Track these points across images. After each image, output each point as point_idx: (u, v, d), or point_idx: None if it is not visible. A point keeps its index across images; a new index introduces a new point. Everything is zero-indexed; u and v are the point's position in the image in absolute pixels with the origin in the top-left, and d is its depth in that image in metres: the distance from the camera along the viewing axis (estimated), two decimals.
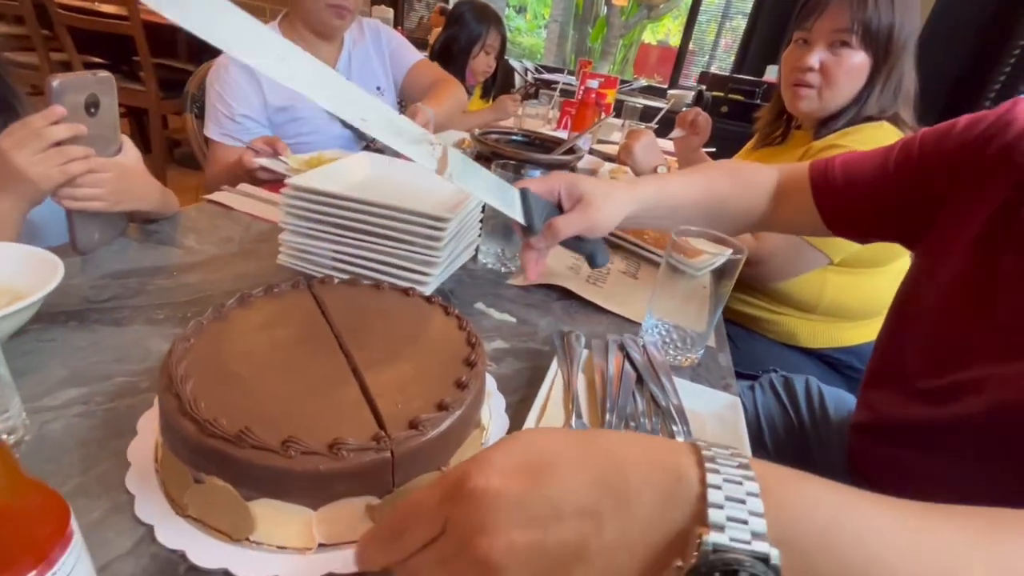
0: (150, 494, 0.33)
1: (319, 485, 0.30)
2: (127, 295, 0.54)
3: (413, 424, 0.32)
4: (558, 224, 0.52)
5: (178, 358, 0.35)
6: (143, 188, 0.63)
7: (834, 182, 0.63)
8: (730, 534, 0.20)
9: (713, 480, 0.21)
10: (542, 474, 0.22)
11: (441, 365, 0.39)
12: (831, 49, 0.90)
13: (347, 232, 0.56)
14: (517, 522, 0.21)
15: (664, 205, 0.61)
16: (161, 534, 0.31)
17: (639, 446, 0.23)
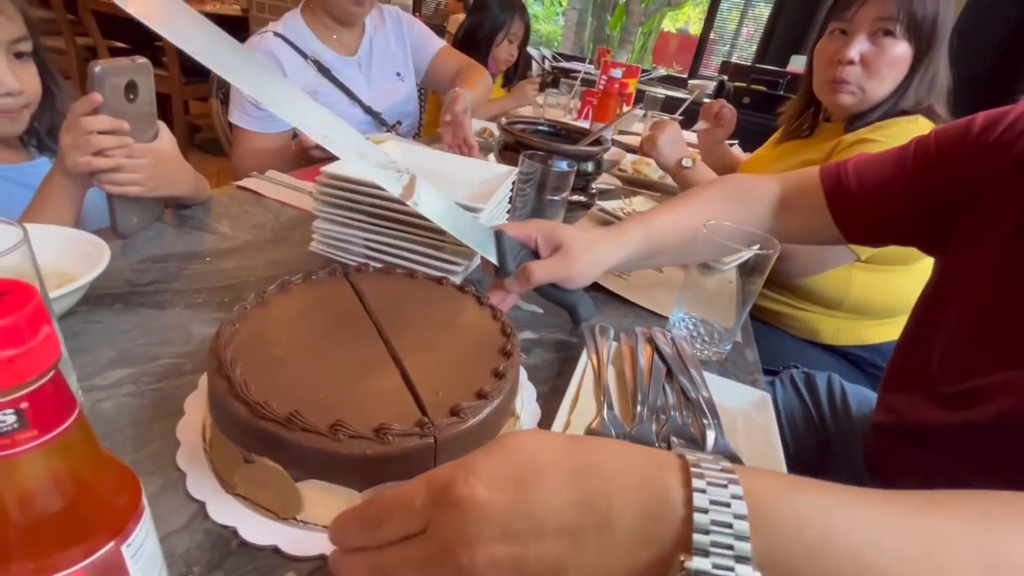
0: (200, 472, 0.35)
1: (365, 468, 0.31)
2: (167, 279, 0.55)
3: (454, 412, 0.33)
4: (532, 269, 0.50)
5: (225, 341, 0.36)
6: (179, 173, 0.64)
7: (849, 189, 0.61)
8: (714, 560, 0.20)
9: (699, 502, 0.21)
10: (526, 487, 0.22)
11: (477, 354, 0.40)
12: (872, 39, 0.86)
13: (379, 221, 0.56)
14: (499, 536, 0.21)
15: (653, 248, 0.59)
16: (213, 510, 0.32)
17: (626, 461, 0.23)
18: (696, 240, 0.59)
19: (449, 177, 0.66)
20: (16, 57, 0.61)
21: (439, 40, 1.37)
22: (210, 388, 0.34)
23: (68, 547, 0.20)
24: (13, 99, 0.61)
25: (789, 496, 0.22)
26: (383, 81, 1.28)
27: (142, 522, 0.23)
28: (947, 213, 0.57)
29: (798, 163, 0.98)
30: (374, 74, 1.26)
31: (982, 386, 0.50)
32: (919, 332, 0.63)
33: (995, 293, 0.52)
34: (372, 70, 1.26)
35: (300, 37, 1.15)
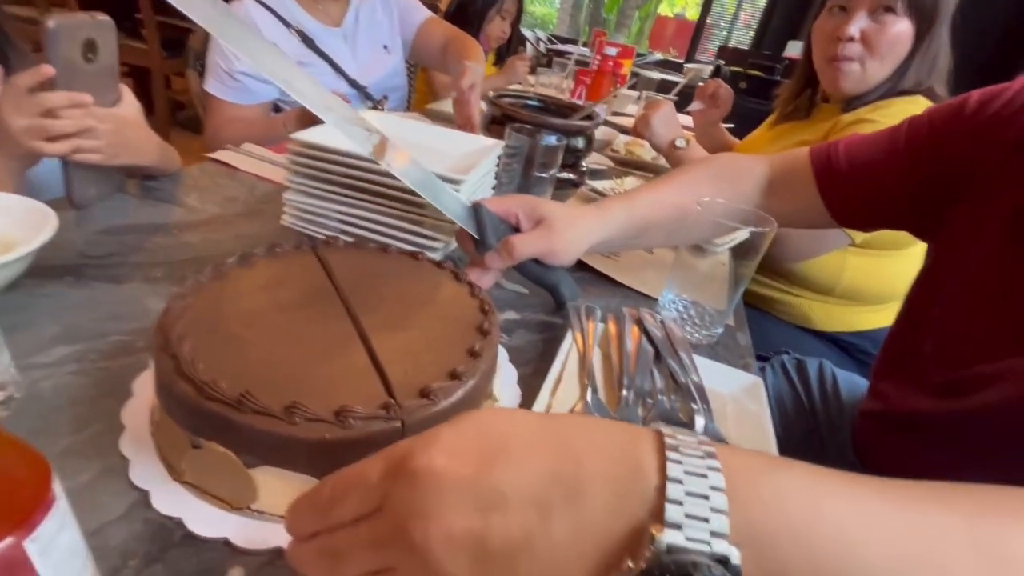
0: (145, 459, 0.32)
1: (324, 454, 0.28)
2: (125, 252, 0.52)
3: (424, 393, 0.30)
4: (514, 242, 0.47)
5: (174, 316, 0.33)
6: (142, 142, 0.60)
7: (839, 169, 0.59)
8: (687, 533, 0.18)
9: (674, 472, 0.19)
10: (491, 459, 0.20)
11: (453, 332, 0.37)
12: (873, 16, 0.83)
13: (355, 193, 0.53)
14: (458, 509, 0.19)
15: (637, 226, 0.56)
16: (157, 500, 0.29)
17: (599, 433, 0.21)
18: (686, 219, 0.56)
19: (428, 148, 0.62)
20: None
21: (425, 10, 1.32)
22: (156, 367, 0.31)
23: None
24: None
25: (771, 474, 0.20)
26: (369, 53, 1.23)
27: (52, 514, 0.20)
28: (941, 194, 0.55)
29: (793, 144, 0.96)
30: (360, 46, 1.21)
31: (980, 373, 0.49)
32: (912, 319, 0.61)
33: (993, 277, 0.50)
34: (358, 42, 1.21)
35: (283, 5, 1.09)
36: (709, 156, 0.68)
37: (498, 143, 0.64)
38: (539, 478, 0.20)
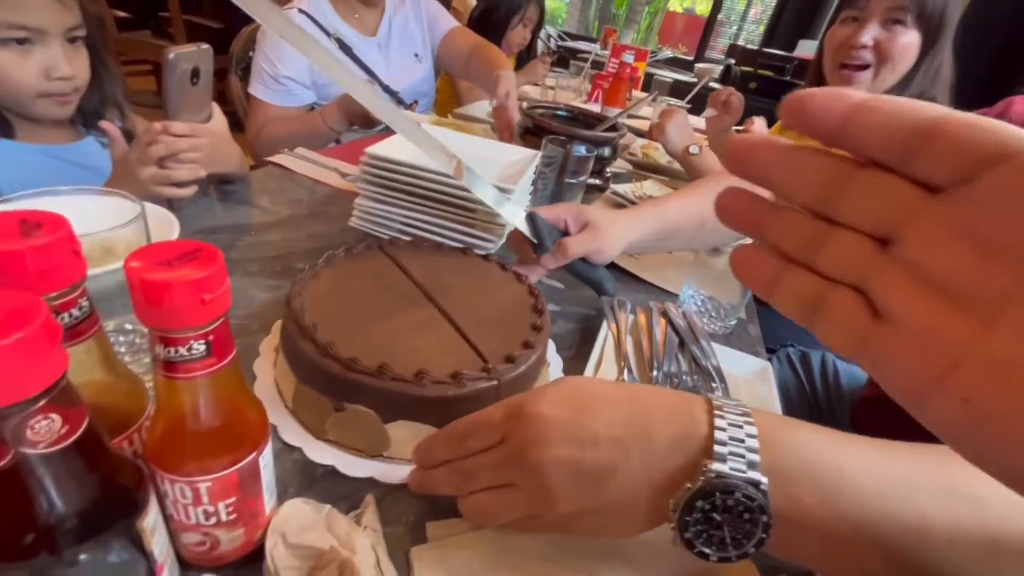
0: (284, 423, 0.40)
1: (445, 408, 0.36)
2: (222, 249, 0.60)
3: (510, 359, 0.39)
4: (567, 243, 0.55)
5: (299, 308, 0.40)
6: (230, 152, 0.68)
7: None
8: (730, 464, 0.26)
9: (719, 423, 0.27)
10: (584, 407, 0.28)
11: (514, 312, 0.46)
12: (884, 26, 0.90)
13: (417, 199, 0.61)
14: (563, 440, 0.27)
15: (665, 231, 0.63)
16: (310, 452, 0.38)
17: (663, 395, 0.30)
18: (704, 227, 0.64)
19: (477, 158, 0.70)
20: (70, 42, 0.65)
21: (452, 19, 1.39)
22: (295, 352, 0.39)
23: (224, 453, 0.26)
24: (66, 83, 0.65)
25: (790, 427, 0.28)
26: (401, 62, 1.30)
27: (268, 440, 0.29)
28: None
29: None
30: (392, 55, 1.29)
31: None
32: None
33: None
34: (391, 51, 1.28)
35: (323, 15, 1.17)
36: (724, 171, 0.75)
37: (536, 153, 0.72)
38: (620, 422, 0.28)
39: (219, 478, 0.25)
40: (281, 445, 0.38)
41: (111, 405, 0.26)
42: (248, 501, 0.28)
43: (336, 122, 1.08)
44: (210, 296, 0.22)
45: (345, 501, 0.35)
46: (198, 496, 0.25)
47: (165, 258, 0.21)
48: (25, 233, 0.21)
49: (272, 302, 0.53)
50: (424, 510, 0.36)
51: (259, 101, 1.17)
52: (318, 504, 0.33)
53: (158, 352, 0.22)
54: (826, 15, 3.41)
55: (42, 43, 0.63)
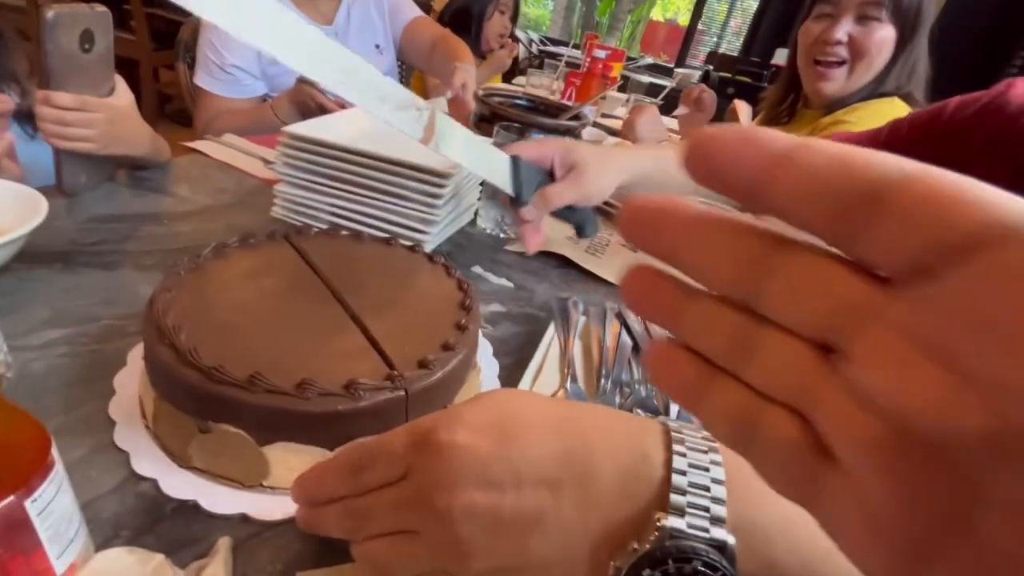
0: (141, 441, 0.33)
1: (337, 426, 0.29)
2: (116, 239, 0.52)
3: (423, 364, 0.32)
4: (549, 193, 0.50)
5: (163, 308, 0.33)
6: (135, 132, 0.61)
7: None
8: (689, 520, 0.19)
9: (678, 464, 0.21)
10: (509, 437, 0.22)
11: (437, 309, 0.39)
12: (858, 22, 0.87)
13: (345, 186, 0.54)
14: (478, 481, 0.21)
15: (659, 175, 0.59)
16: (167, 486, 0.30)
17: (608, 420, 0.23)
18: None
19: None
20: None
21: (416, 9, 1.33)
22: (152, 359, 0.32)
23: None
24: None
25: None
26: (361, 53, 1.21)
27: (51, 478, 0.21)
28: None
29: None
30: (351, 45, 1.21)
31: None
32: None
33: None
34: (349, 40, 1.21)
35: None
36: None
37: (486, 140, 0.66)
38: (552, 458, 0.21)
39: None
40: (125, 477, 0.31)
41: None
42: (15, 560, 0.20)
43: (287, 114, 1.01)
44: None
45: (196, 545, 0.28)
46: None
47: None
48: None
49: None
50: (295, 556, 0.28)
51: (206, 92, 1.09)
52: (147, 553, 0.26)
53: None
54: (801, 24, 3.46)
55: None
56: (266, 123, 1.02)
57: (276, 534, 0.29)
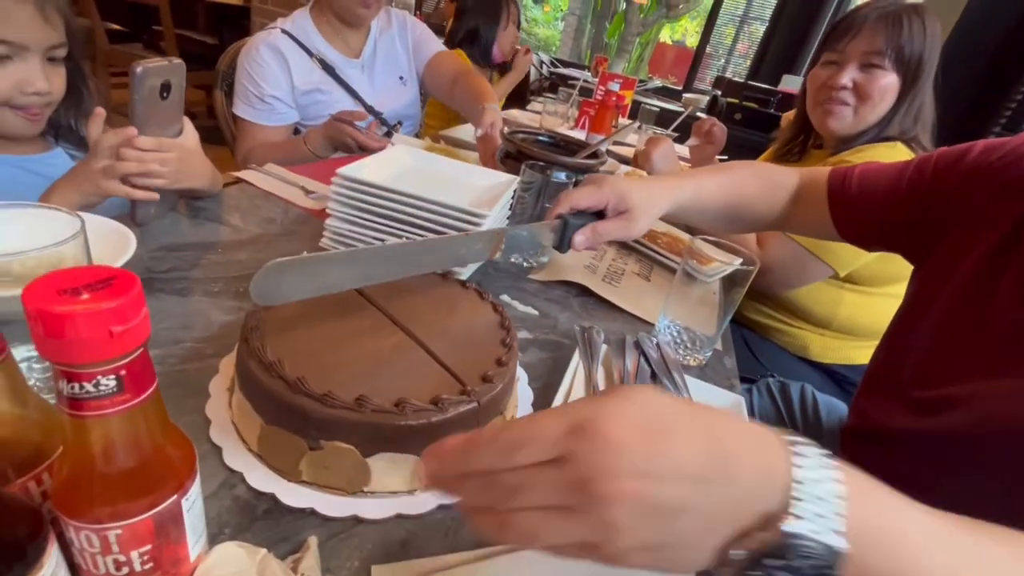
0: (233, 446, 0.38)
1: (427, 436, 0.35)
2: (185, 267, 0.58)
3: (486, 379, 0.38)
4: (601, 230, 0.57)
5: (259, 347, 0.37)
6: (200, 168, 0.67)
7: (849, 193, 0.67)
8: (809, 526, 0.23)
9: (798, 474, 0.24)
10: (659, 435, 0.25)
11: (483, 332, 0.45)
12: (862, 70, 0.92)
13: (390, 222, 0.60)
14: (633, 472, 0.24)
15: (698, 206, 0.65)
16: (284, 497, 0.35)
17: (740, 428, 0.26)
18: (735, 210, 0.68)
19: (453, 181, 0.70)
20: (49, 61, 0.64)
21: (439, 43, 1.40)
22: (260, 391, 0.36)
23: (139, 497, 0.24)
24: (40, 98, 0.64)
25: (877, 491, 0.26)
26: (386, 84, 1.31)
27: (196, 480, 0.27)
28: (933, 226, 0.62)
29: None
30: (377, 77, 1.29)
31: (955, 393, 0.54)
32: (896, 338, 0.67)
33: (966, 307, 0.56)
34: (375, 72, 1.29)
35: (307, 36, 1.17)
36: (752, 162, 0.76)
37: (514, 178, 0.72)
38: (702, 456, 0.25)
39: (130, 525, 0.23)
40: (221, 482, 0.36)
41: (18, 440, 0.24)
42: (167, 548, 0.26)
43: (320, 147, 1.08)
44: (121, 328, 0.20)
45: (286, 543, 0.33)
46: (107, 544, 0.23)
47: (71, 285, 0.20)
48: None
49: (231, 324, 0.51)
50: (369, 553, 0.33)
51: (245, 122, 1.16)
52: (253, 548, 0.31)
53: (61, 388, 0.20)
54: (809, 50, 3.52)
55: (21, 58, 0.62)
56: (299, 155, 1.08)
57: (352, 534, 0.34)
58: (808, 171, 0.72)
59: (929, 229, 0.62)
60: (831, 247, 0.88)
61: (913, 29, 0.88)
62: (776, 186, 0.71)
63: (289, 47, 1.15)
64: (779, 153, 1.15)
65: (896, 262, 0.70)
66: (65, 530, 0.23)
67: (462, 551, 0.35)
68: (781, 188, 0.71)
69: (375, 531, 0.35)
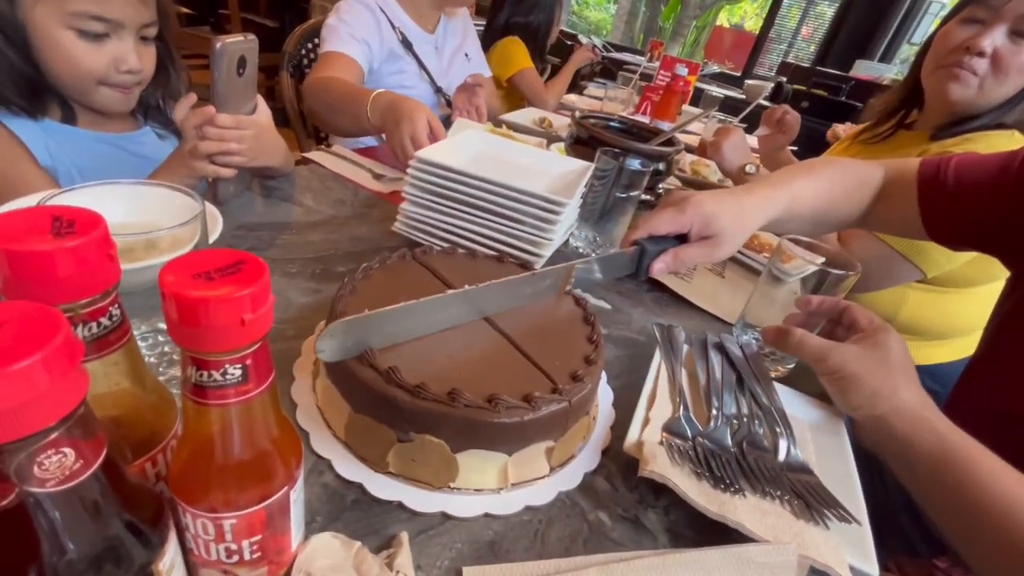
0: (320, 432, 0.38)
1: (518, 433, 0.34)
2: (262, 247, 0.59)
3: (576, 377, 0.37)
4: (683, 256, 0.51)
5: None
6: (275, 145, 0.67)
7: (944, 185, 0.59)
8: None
9: None
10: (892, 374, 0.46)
11: (569, 328, 0.43)
12: (1011, 37, 0.77)
13: (464, 208, 0.58)
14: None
15: (789, 216, 0.59)
16: (372, 488, 0.34)
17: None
18: (830, 210, 0.62)
19: (528, 168, 0.67)
20: (141, 40, 0.65)
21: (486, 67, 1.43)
22: (351, 379, 0.35)
23: (254, 487, 0.23)
24: (132, 76, 0.65)
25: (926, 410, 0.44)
26: (452, 60, 1.31)
27: (302, 471, 0.26)
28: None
29: None
30: (446, 52, 1.29)
31: None
32: (987, 354, 0.61)
33: None
34: (445, 49, 1.29)
35: (389, 7, 1.17)
36: (833, 159, 0.68)
37: (589, 165, 0.69)
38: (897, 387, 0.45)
39: (245, 515, 0.23)
40: (308, 469, 0.35)
41: (137, 420, 0.24)
42: (275, 538, 0.25)
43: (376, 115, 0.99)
44: (251, 316, 0.19)
45: (375, 536, 0.32)
46: (221, 533, 0.23)
47: (204, 269, 0.19)
48: (57, 232, 0.19)
49: (310, 306, 0.51)
50: (459, 553, 0.32)
51: (329, 53, 1.07)
52: (348, 540, 0.30)
53: (189, 375, 0.20)
54: (886, 33, 3.27)
55: (117, 36, 0.63)
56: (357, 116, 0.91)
57: (440, 531, 0.33)
58: (895, 163, 0.65)
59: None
60: (923, 247, 0.80)
61: None
62: (861, 183, 0.64)
63: (378, 11, 1.15)
64: (865, 133, 1.02)
65: (992, 266, 0.63)
66: (181, 516, 0.23)
67: (551, 558, 0.33)
68: (866, 185, 0.64)
69: (463, 529, 0.34)
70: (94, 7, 0.60)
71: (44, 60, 0.62)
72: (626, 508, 0.38)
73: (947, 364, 0.97)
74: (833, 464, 0.45)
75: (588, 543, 0.35)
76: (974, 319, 0.90)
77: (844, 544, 0.36)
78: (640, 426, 0.42)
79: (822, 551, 0.35)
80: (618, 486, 0.40)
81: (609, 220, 0.73)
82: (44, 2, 0.59)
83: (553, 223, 0.56)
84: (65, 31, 0.60)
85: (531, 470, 0.37)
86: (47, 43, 0.61)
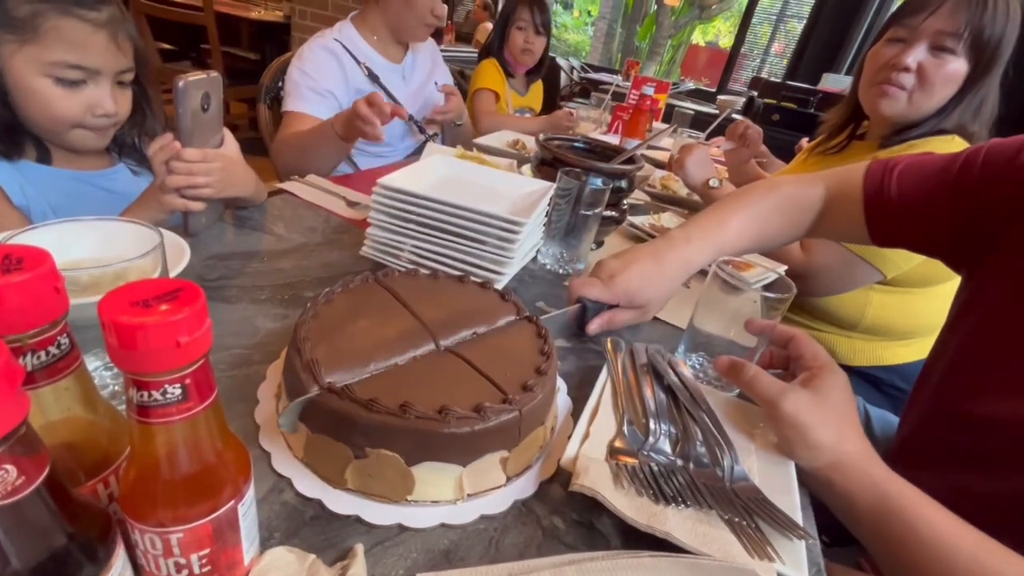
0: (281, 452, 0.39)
1: (470, 444, 0.35)
2: (232, 275, 0.60)
3: (527, 388, 0.38)
4: (616, 320, 0.60)
5: (308, 360, 0.38)
6: (244, 177, 0.69)
7: (888, 197, 0.62)
8: None
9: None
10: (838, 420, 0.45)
11: (519, 341, 0.45)
12: (932, 52, 0.84)
13: (429, 230, 0.60)
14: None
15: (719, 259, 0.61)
16: (331, 504, 0.36)
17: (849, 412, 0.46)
18: (762, 242, 0.66)
19: (491, 189, 0.70)
20: (118, 84, 0.68)
21: None
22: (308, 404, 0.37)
23: (200, 501, 0.24)
24: (107, 119, 0.68)
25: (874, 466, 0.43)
26: (421, 88, 1.35)
27: (251, 486, 0.27)
28: (980, 233, 0.57)
29: None
30: (415, 81, 1.33)
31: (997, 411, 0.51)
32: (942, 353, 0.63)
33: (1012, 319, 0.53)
34: (414, 77, 1.33)
35: (354, 44, 1.22)
36: (768, 185, 0.69)
37: (551, 185, 0.71)
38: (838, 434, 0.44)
39: (192, 528, 0.24)
40: (270, 487, 0.37)
41: (89, 444, 0.26)
42: (224, 552, 0.26)
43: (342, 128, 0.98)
44: (187, 339, 0.21)
45: (333, 549, 0.34)
46: (169, 547, 0.24)
47: (142, 298, 0.20)
48: (6, 269, 0.21)
49: (277, 332, 0.53)
50: (414, 562, 0.34)
51: (293, 114, 1.13)
52: (303, 553, 0.31)
53: (132, 395, 0.21)
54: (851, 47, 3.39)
55: (94, 82, 0.66)
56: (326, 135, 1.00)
57: (396, 542, 0.35)
58: (839, 177, 0.67)
59: (977, 235, 0.57)
60: (880, 250, 0.84)
61: (997, 10, 0.79)
62: (799, 209, 0.67)
63: (341, 51, 1.19)
64: (820, 147, 1.08)
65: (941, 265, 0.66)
66: (130, 532, 0.24)
67: (504, 562, 0.34)
68: (805, 211, 0.68)
69: (419, 539, 0.35)
70: (72, 57, 0.62)
71: (20, 106, 0.64)
72: (580, 513, 0.39)
73: (915, 363, 1.00)
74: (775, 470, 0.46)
75: (542, 548, 0.36)
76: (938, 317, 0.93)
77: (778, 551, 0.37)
78: (580, 440, 0.43)
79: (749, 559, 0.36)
80: (574, 492, 0.41)
81: (574, 237, 0.76)
82: (23, 51, 0.61)
83: (513, 242, 0.59)
84: (42, 79, 0.63)
85: (487, 480, 0.38)
86: (24, 91, 0.63)
